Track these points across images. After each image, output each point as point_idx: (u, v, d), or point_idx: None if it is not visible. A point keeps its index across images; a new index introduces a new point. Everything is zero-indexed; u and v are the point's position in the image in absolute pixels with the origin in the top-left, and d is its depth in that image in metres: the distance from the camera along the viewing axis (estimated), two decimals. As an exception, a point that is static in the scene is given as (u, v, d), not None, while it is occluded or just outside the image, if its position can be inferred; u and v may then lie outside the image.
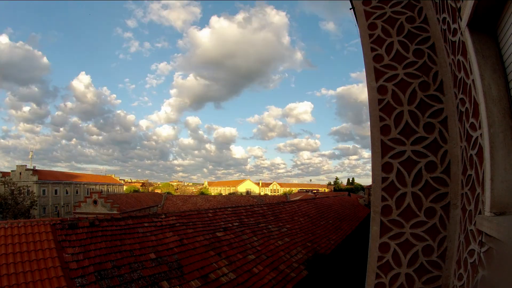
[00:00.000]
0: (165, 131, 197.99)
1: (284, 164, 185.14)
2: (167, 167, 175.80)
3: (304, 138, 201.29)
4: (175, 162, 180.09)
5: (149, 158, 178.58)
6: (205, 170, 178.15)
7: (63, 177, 57.50)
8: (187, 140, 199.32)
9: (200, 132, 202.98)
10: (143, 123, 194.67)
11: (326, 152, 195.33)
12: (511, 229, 1.72)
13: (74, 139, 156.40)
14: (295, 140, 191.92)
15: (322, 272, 8.96)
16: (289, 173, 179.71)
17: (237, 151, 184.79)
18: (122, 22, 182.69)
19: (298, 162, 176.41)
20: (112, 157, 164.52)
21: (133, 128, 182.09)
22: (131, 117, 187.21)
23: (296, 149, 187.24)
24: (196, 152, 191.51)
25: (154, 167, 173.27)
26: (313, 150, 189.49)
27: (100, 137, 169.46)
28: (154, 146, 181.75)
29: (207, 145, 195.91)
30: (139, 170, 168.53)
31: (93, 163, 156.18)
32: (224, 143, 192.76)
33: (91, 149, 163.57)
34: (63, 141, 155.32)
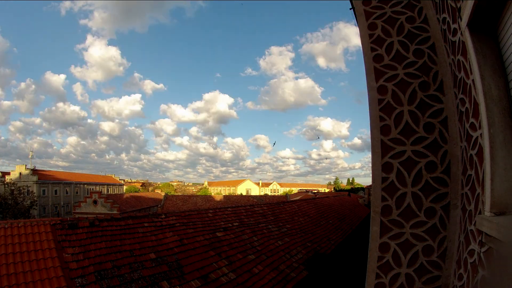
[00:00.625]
0: (120, 104, 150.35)
1: (294, 158, 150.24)
2: (155, 164, 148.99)
3: (335, 120, 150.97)
4: (160, 155, 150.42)
5: (125, 150, 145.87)
6: (199, 168, 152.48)
7: (63, 177, 57.50)
8: (160, 122, 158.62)
9: (168, 108, 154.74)
10: (78, 89, 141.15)
11: (350, 142, 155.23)
12: (511, 229, 1.72)
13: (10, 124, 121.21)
14: (318, 120, 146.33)
15: (322, 272, 8.96)
16: (297, 171, 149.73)
17: (236, 142, 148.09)
18: None
19: (314, 156, 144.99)
20: (82, 151, 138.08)
21: (67, 99, 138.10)
22: (51, 77, 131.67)
23: (314, 134, 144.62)
24: (177, 140, 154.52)
25: (138, 162, 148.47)
26: (343, 136, 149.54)
27: (38, 120, 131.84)
28: (116, 130, 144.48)
29: (192, 131, 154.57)
30: (125, 166, 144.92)
31: (66, 160, 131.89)
32: (217, 122, 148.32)
33: (41, 137, 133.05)
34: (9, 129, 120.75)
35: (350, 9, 4.51)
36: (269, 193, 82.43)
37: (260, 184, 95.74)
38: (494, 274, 1.91)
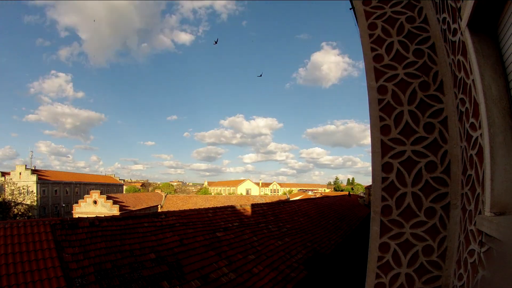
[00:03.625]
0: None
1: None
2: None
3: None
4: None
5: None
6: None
7: (63, 177, 57.51)
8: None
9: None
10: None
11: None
12: (511, 229, 1.72)
13: None
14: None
15: (322, 272, 8.95)
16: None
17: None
18: None
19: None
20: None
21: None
22: None
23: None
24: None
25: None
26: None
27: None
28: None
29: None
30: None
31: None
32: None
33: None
34: None
35: (350, 9, 4.51)
36: (269, 193, 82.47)
37: (260, 184, 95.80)
38: (494, 274, 1.90)
